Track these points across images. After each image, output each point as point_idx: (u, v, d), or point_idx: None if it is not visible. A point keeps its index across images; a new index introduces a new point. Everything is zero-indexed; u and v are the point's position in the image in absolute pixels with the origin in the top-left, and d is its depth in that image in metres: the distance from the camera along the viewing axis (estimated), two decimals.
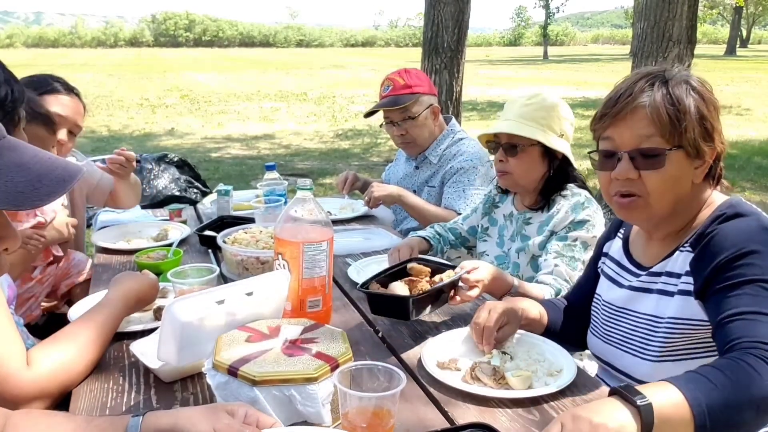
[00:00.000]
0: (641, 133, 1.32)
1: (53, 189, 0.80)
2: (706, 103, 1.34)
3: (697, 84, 1.35)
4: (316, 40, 73.09)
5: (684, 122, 1.30)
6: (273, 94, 18.01)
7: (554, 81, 22.33)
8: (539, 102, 2.01)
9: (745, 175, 7.65)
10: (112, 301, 1.53)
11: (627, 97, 1.34)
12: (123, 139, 10.31)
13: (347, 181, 2.86)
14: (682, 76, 1.36)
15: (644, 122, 1.32)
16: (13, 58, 7.40)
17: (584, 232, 1.96)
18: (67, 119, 2.24)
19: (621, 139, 1.35)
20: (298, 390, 1.14)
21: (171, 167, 6.16)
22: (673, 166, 1.32)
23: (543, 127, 1.98)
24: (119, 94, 16.89)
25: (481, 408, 1.30)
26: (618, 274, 1.55)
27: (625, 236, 1.58)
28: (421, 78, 2.76)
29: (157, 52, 48.70)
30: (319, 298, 1.56)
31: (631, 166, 1.33)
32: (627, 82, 1.38)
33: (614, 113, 1.35)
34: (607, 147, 1.38)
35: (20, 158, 0.80)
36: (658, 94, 1.32)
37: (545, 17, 45.69)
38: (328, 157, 9.14)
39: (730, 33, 49.02)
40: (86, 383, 1.39)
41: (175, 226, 2.50)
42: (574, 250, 1.96)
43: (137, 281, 1.61)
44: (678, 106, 1.31)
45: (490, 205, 2.29)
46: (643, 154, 1.33)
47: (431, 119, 2.76)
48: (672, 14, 5.19)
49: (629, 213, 1.40)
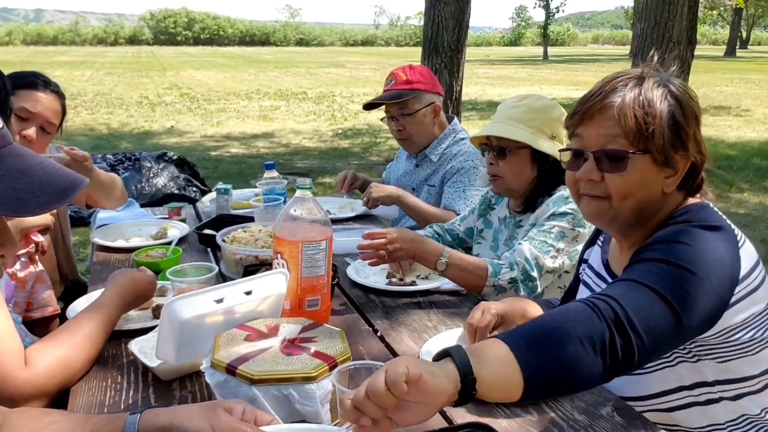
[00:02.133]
0: (607, 132, 1.27)
1: (53, 198, 0.81)
2: (683, 110, 1.27)
3: (677, 89, 1.28)
4: (316, 39, 73.09)
5: (652, 126, 1.24)
6: (272, 92, 18.01)
7: (553, 81, 22.33)
8: (529, 103, 1.98)
9: (744, 176, 7.66)
10: (109, 299, 1.53)
11: (598, 96, 1.29)
12: (122, 137, 10.31)
13: (346, 181, 2.86)
14: (662, 80, 1.29)
15: (611, 123, 1.27)
16: (11, 56, 7.35)
17: (563, 222, 1.91)
18: (36, 115, 2.18)
19: (589, 138, 1.31)
20: (296, 389, 1.14)
21: (170, 165, 6.16)
22: (637, 170, 1.26)
23: (532, 129, 1.94)
24: (119, 92, 16.88)
25: (479, 407, 1.30)
26: (595, 283, 1.52)
27: (604, 245, 1.55)
28: (425, 75, 2.75)
29: (156, 50, 48.67)
30: (318, 297, 1.56)
31: (594, 167, 1.29)
32: (604, 80, 1.33)
33: (584, 111, 1.31)
34: (576, 145, 1.34)
35: (24, 165, 0.81)
36: (629, 94, 1.26)
37: (545, 17, 45.71)
38: (327, 156, 9.14)
39: (730, 34, 49.04)
40: (84, 381, 1.39)
41: (174, 225, 2.50)
42: (548, 236, 1.90)
43: (134, 278, 1.61)
44: (647, 109, 1.24)
45: (485, 206, 2.27)
46: (607, 155, 1.28)
47: (431, 118, 2.75)
48: (672, 15, 5.21)
49: (592, 212, 1.36)
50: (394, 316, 1.78)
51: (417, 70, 2.75)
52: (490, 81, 21.59)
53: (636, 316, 1.09)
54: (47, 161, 0.86)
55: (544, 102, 2.00)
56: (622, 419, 1.27)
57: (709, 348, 1.28)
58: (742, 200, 6.67)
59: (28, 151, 0.85)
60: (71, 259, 2.75)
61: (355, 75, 24.16)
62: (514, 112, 1.97)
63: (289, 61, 34.98)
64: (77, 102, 14.46)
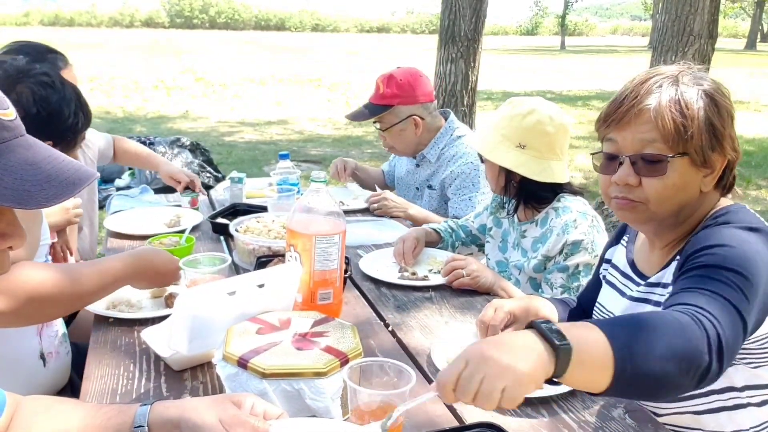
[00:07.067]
0: (644, 137, 1.25)
1: (61, 191, 0.80)
2: (718, 109, 1.25)
3: (710, 88, 1.26)
4: (331, 25, 72.86)
5: (690, 129, 1.22)
6: (287, 78, 17.98)
7: (570, 72, 22.13)
8: (506, 111, 1.96)
9: (761, 172, 7.56)
10: (124, 257, 1.53)
11: (633, 99, 1.26)
12: (137, 121, 10.35)
13: (338, 170, 2.91)
14: (696, 79, 1.27)
15: (647, 126, 1.25)
16: (28, 37, 7.45)
17: (582, 254, 1.88)
18: None
19: (624, 142, 1.28)
20: (307, 384, 1.15)
21: (184, 151, 6.18)
22: (676, 173, 1.25)
23: (500, 137, 1.93)
24: (135, 76, 16.92)
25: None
26: (621, 283, 1.50)
27: (629, 244, 1.53)
28: (403, 87, 2.63)
29: (172, 33, 48.74)
30: (330, 290, 1.56)
31: (631, 171, 1.27)
32: (636, 81, 1.30)
33: (619, 116, 1.28)
34: (610, 150, 1.32)
35: (33, 157, 0.81)
36: (665, 97, 1.23)
37: (563, 7, 45.19)
38: (341, 143, 9.13)
39: (751, 27, 48.24)
40: (96, 368, 1.40)
41: (187, 213, 2.51)
42: (580, 278, 1.89)
43: (158, 253, 1.62)
44: (685, 111, 1.22)
45: (496, 204, 2.23)
46: (644, 160, 1.26)
47: (411, 130, 2.68)
48: (694, 8, 5.12)
49: (628, 215, 1.33)
50: (405, 310, 1.77)
51: (395, 80, 2.64)
52: (505, 71, 21.42)
53: (730, 342, 1.05)
54: (56, 153, 0.85)
55: (520, 110, 1.93)
56: (633, 422, 1.27)
57: (745, 353, 1.27)
58: (759, 197, 6.59)
59: (38, 143, 0.84)
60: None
61: (370, 62, 24.06)
62: (494, 119, 1.97)
63: (304, 47, 34.90)
64: (93, 85, 14.52)
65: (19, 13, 61.29)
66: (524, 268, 1.99)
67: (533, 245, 1.99)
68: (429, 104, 2.71)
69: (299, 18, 71.67)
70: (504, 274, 2.10)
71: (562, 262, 1.91)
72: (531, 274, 1.98)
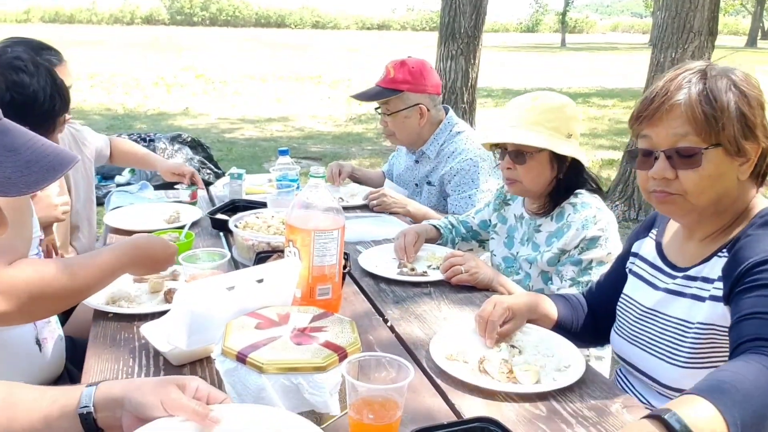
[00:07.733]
0: (677, 131, 1.29)
1: (42, 177, 0.78)
2: (748, 99, 1.29)
3: (739, 79, 1.31)
4: (332, 22, 72.78)
5: (721, 120, 1.26)
6: (288, 75, 17.98)
7: (570, 69, 22.10)
8: (543, 104, 1.91)
9: None
10: (119, 247, 1.54)
11: (663, 96, 1.31)
12: (138, 118, 10.36)
13: (333, 174, 2.88)
14: (724, 71, 1.31)
15: (679, 121, 1.29)
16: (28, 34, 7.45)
17: (598, 250, 1.88)
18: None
19: (657, 138, 1.32)
20: (305, 378, 1.15)
21: (184, 147, 6.18)
22: (711, 164, 1.28)
23: (550, 130, 1.88)
24: (135, 73, 16.91)
25: (488, 401, 1.30)
26: (652, 275, 1.51)
27: (658, 237, 1.54)
28: (414, 74, 2.64)
29: (173, 30, 48.66)
30: (329, 286, 1.56)
31: (667, 165, 1.31)
32: (665, 78, 1.34)
33: (651, 113, 1.32)
34: (645, 146, 1.35)
35: (12, 143, 0.79)
36: (694, 90, 1.28)
37: (564, 4, 45.10)
38: (341, 140, 9.13)
39: (752, 24, 48.12)
40: (96, 363, 1.41)
41: (187, 209, 2.51)
42: (591, 273, 1.89)
43: (153, 240, 1.62)
44: (714, 103, 1.26)
45: (500, 201, 2.22)
46: (679, 154, 1.29)
47: (416, 119, 2.68)
48: (694, 5, 5.12)
49: (669, 208, 1.37)
50: (404, 306, 1.78)
51: (407, 67, 2.65)
52: (506, 68, 21.39)
53: None
54: (35, 137, 0.84)
55: (558, 101, 1.94)
56: (631, 416, 1.27)
57: None
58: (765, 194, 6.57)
59: (17, 127, 0.82)
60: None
61: (370, 59, 24.04)
62: (530, 115, 1.90)
63: (304, 44, 34.86)
64: (94, 82, 14.51)
65: (19, 9, 61.19)
66: (537, 261, 1.98)
67: (548, 239, 1.98)
68: (436, 96, 2.73)
69: (299, 15, 71.51)
70: (511, 269, 2.10)
71: (576, 255, 1.90)
72: (544, 267, 1.97)
